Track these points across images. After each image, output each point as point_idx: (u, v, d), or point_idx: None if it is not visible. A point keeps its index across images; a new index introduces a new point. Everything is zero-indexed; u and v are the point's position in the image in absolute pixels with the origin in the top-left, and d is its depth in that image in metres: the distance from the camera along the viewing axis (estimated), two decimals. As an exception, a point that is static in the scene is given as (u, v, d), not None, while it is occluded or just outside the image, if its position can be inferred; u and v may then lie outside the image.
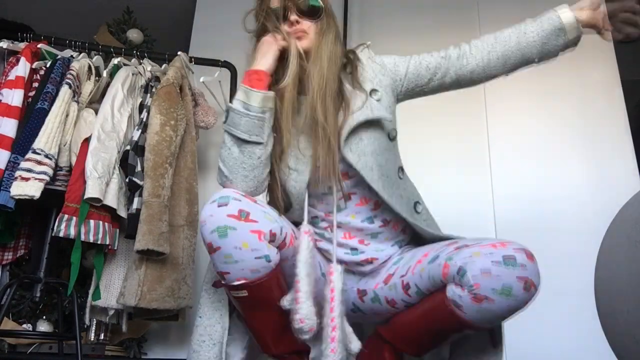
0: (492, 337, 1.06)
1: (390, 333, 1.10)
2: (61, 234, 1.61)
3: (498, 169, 2.15)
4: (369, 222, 1.14)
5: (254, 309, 1.04)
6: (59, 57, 1.94)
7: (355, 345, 1.04)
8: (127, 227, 1.73)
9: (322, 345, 1.00)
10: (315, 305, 1.02)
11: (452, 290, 0.94)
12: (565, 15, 1.14)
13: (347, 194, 1.13)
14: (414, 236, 1.23)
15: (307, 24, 1.15)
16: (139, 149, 1.80)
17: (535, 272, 0.92)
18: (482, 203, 2.09)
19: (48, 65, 1.90)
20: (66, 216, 1.62)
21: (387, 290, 1.10)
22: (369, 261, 1.16)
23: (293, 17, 1.14)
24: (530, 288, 0.90)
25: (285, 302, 1.02)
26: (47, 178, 1.64)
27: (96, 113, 1.84)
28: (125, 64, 2.03)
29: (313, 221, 1.17)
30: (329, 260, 1.15)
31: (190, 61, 2.13)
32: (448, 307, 0.94)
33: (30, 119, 1.73)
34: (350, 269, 1.19)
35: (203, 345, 1.06)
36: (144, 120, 1.87)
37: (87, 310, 1.79)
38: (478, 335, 1.06)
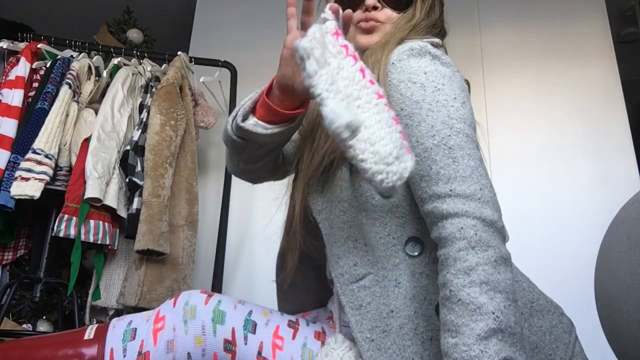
0: None
1: None
2: (61, 234, 1.61)
3: (498, 169, 2.14)
4: None
5: None
6: (59, 57, 1.94)
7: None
8: (127, 227, 1.73)
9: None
10: None
11: None
12: None
13: None
14: None
15: (386, 14, 0.88)
16: (139, 149, 1.80)
17: None
18: (482, 203, 2.09)
19: (48, 65, 1.90)
20: (66, 216, 1.62)
21: None
22: None
23: (370, 1, 0.87)
24: None
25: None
26: (47, 178, 1.64)
27: (96, 113, 1.84)
28: (125, 64, 2.03)
29: None
30: None
31: (190, 61, 2.13)
32: None
33: (30, 119, 1.73)
34: None
35: None
36: (144, 120, 1.87)
37: (87, 310, 1.79)
38: None
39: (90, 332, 0.80)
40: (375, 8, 0.87)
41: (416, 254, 0.75)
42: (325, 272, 0.91)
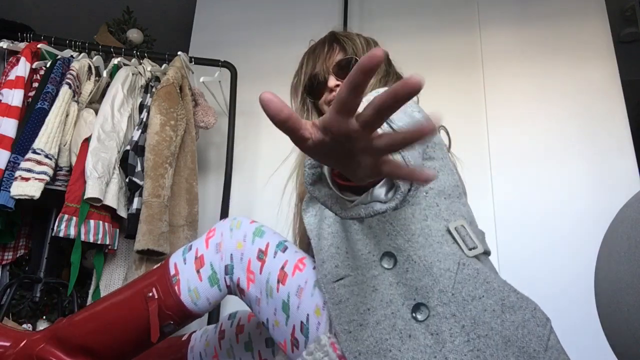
0: None
1: None
2: (61, 234, 1.61)
3: (498, 169, 2.14)
4: None
5: None
6: (59, 57, 1.94)
7: None
8: (127, 227, 1.73)
9: None
10: None
11: None
12: None
13: None
14: None
15: None
16: (139, 149, 1.80)
17: None
18: (482, 203, 2.09)
19: (48, 65, 1.90)
20: (66, 216, 1.62)
21: None
22: None
23: (332, 82, 1.05)
24: None
25: None
26: (47, 178, 1.64)
27: (96, 113, 1.84)
28: (125, 64, 2.03)
29: None
30: None
31: (190, 61, 2.13)
32: None
33: (30, 119, 1.73)
34: None
35: None
36: (144, 120, 1.87)
37: (87, 310, 1.79)
38: None
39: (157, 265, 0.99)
40: (337, 86, 1.03)
41: (390, 266, 0.83)
42: None
